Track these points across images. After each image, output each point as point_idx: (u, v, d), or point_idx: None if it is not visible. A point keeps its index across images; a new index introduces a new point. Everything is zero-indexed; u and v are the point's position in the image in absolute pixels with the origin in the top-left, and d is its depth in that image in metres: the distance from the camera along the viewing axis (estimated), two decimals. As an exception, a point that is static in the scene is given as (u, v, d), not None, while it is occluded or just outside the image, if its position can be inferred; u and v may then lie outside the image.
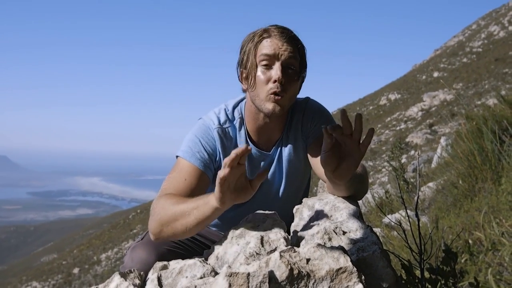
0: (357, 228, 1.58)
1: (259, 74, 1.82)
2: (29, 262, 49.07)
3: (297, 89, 1.89)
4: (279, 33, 1.80)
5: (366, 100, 45.83)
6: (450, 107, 24.87)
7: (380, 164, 19.63)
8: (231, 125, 1.98)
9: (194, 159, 1.85)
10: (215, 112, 2.00)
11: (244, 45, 1.87)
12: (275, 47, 1.78)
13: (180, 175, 1.81)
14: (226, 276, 1.22)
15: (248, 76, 1.86)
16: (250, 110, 1.95)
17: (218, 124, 1.95)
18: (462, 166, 4.35)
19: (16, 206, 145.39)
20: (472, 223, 3.23)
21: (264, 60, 1.80)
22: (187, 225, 1.56)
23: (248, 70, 1.85)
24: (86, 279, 28.26)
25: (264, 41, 1.80)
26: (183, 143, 1.92)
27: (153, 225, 1.66)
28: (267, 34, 1.81)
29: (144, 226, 33.20)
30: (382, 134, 27.69)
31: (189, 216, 1.55)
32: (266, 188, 2.05)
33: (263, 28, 1.84)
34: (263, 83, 1.81)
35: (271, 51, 1.78)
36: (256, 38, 1.82)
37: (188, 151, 1.87)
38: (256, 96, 1.85)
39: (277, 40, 1.79)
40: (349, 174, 1.40)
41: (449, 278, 1.86)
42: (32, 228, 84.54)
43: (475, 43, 40.12)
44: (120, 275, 1.49)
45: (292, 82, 1.83)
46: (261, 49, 1.81)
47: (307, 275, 1.25)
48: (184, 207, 1.57)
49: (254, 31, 1.86)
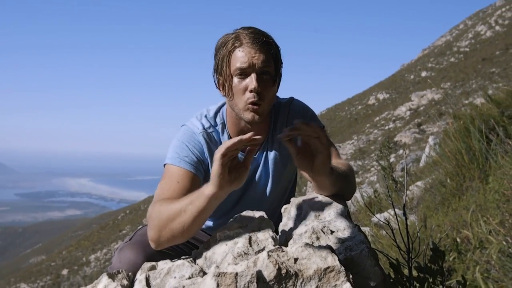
0: (345, 227, 1.58)
1: (235, 84, 1.81)
2: (17, 264, 48.77)
3: (274, 93, 1.89)
4: (250, 40, 1.78)
5: (355, 100, 45.99)
6: (438, 106, 25.02)
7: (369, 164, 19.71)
8: (214, 130, 1.99)
9: (184, 163, 1.84)
10: (197, 117, 2.00)
11: (218, 52, 1.85)
12: (249, 56, 1.76)
13: (172, 180, 1.80)
14: (214, 276, 1.22)
15: (224, 84, 1.85)
16: (231, 116, 1.96)
17: (202, 128, 1.95)
18: (450, 165, 4.38)
19: (4, 207, 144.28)
20: (460, 221, 3.25)
21: (238, 72, 1.79)
22: (184, 223, 1.54)
23: (223, 78, 1.84)
24: (75, 280, 28.13)
25: (237, 51, 1.78)
26: (169, 150, 1.91)
27: (151, 233, 1.64)
28: (238, 43, 1.78)
29: (133, 227, 33.11)
30: (370, 134, 27.81)
31: (185, 213, 1.54)
32: (253, 191, 2.06)
33: (234, 35, 1.81)
34: (240, 92, 1.80)
35: (244, 64, 1.76)
36: (229, 45, 1.80)
37: (175, 157, 1.86)
38: (234, 105, 1.85)
39: (249, 49, 1.77)
40: (327, 169, 1.49)
41: (437, 277, 1.87)
42: (21, 230, 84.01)
43: (463, 43, 40.40)
44: (108, 275, 1.48)
45: (269, 88, 1.82)
46: (234, 61, 1.79)
47: (295, 275, 1.25)
48: (179, 206, 1.56)
49: (225, 37, 1.83)
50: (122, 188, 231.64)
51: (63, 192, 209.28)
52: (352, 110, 40.77)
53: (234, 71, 1.79)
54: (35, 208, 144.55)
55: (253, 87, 1.76)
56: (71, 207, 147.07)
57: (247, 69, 1.77)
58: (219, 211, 2.05)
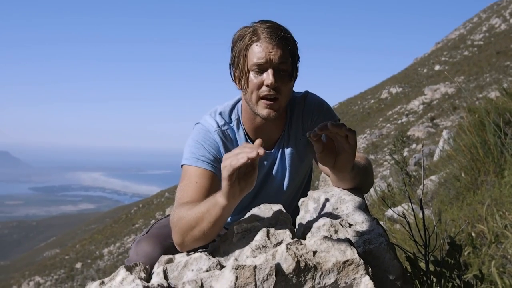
0: (363, 221, 1.58)
1: (251, 79, 1.80)
2: (31, 257, 49.19)
3: (291, 88, 1.88)
4: (268, 35, 1.77)
5: (367, 94, 45.74)
6: (451, 100, 24.83)
7: (382, 158, 19.64)
8: (229, 127, 1.98)
9: (200, 162, 1.84)
10: (210, 114, 2.00)
11: (235, 45, 1.84)
12: (266, 52, 1.75)
13: (190, 181, 1.80)
14: (233, 269, 1.22)
15: (240, 78, 1.85)
16: (246, 111, 1.95)
17: (217, 126, 1.94)
18: (465, 159, 4.35)
19: (18, 201, 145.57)
20: (475, 216, 3.24)
21: (255, 67, 1.79)
22: (204, 231, 1.57)
23: (240, 72, 1.84)
24: (88, 274, 28.35)
25: (254, 46, 1.77)
26: (185, 151, 1.91)
27: (175, 237, 1.66)
28: (256, 37, 1.78)
29: (146, 221, 33.26)
30: (383, 128, 27.67)
31: (202, 222, 1.55)
32: (270, 186, 2.06)
33: (252, 28, 1.81)
34: (256, 87, 1.80)
35: (262, 59, 1.76)
36: (246, 39, 1.79)
37: (192, 157, 1.86)
38: (249, 99, 1.85)
39: (267, 44, 1.76)
40: (350, 165, 1.47)
41: (454, 271, 1.86)
42: (34, 223, 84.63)
43: (477, 36, 39.99)
44: (126, 268, 1.49)
45: (285, 84, 1.82)
46: (251, 55, 1.78)
47: (313, 268, 1.25)
48: (197, 213, 1.57)
49: (243, 30, 1.83)
50: (135, 182, 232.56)
51: (76, 186, 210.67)
52: (365, 104, 40.56)
53: (251, 66, 1.79)
54: (49, 202, 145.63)
55: (270, 82, 1.76)
56: (84, 201, 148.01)
57: (264, 65, 1.77)
58: (237, 207, 2.06)
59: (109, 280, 1.48)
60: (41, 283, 30.65)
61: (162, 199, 42.69)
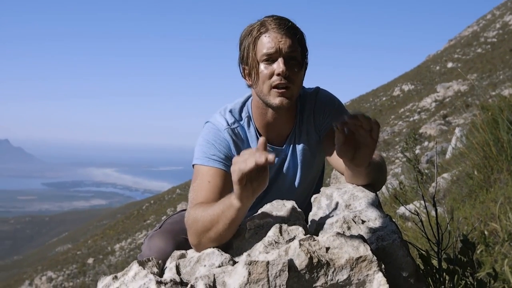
0: (376, 217, 1.58)
1: (261, 70, 1.80)
2: (44, 252, 49.61)
3: (302, 78, 1.88)
4: (276, 26, 1.78)
5: (379, 91, 45.53)
6: (464, 97, 24.65)
7: (394, 155, 19.55)
8: (239, 125, 1.98)
9: (212, 161, 1.85)
10: (220, 113, 2.00)
11: (243, 41, 1.85)
12: (275, 41, 1.76)
13: (203, 181, 1.81)
14: (246, 265, 1.22)
15: (250, 72, 1.85)
16: (257, 107, 1.95)
17: (227, 125, 1.94)
18: (478, 156, 4.33)
19: (31, 196, 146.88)
20: (488, 214, 3.22)
21: (265, 58, 1.79)
22: (219, 232, 1.57)
23: (250, 66, 1.84)
24: (100, 269, 28.51)
25: (263, 37, 1.78)
26: (196, 150, 1.92)
27: (191, 238, 1.66)
28: (264, 29, 1.79)
29: (157, 217, 33.38)
30: (395, 125, 27.52)
31: (218, 223, 1.55)
32: (281, 183, 2.06)
33: (259, 22, 1.82)
34: (266, 77, 1.80)
35: (271, 49, 1.76)
36: (254, 32, 1.80)
37: (203, 157, 1.87)
38: (260, 91, 1.84)
39: (275, 33, 1.77)
40: (368, 160, 1.45)
41: (467, 269, 1.85)
42: (47, 219, 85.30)
43: (490, 33, 39.62)
44: (139, 263, 1.50)
45: (296, 73, 1.82)
46: (260, 47, 1.79)
47: (326, 264, 1.25)
48: (212, 215, 1.57)
49: (251, 25, 1.84)
50: (146, 178, 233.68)
51: (88, 182, 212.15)
52: (377, 102, 40.37)
53: (261, 57, 1.79)
54: (61, 197, 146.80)
55: (281, 71, 1.76)
56: (96, 196, 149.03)
57: (274, 54, 1.77)
58: None
59: (122, 275, 1.49)
60: (53, 278, 30.87)
61: (173, 196, 42.85)
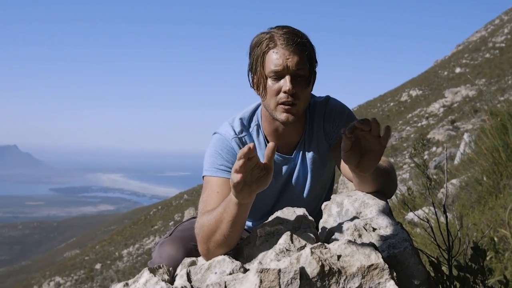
0: (387, 225, 1.57)
1: (269, 85, 1.81)
2: (52, 258, 49.71)
3: (309, 94, 1.88)
4: (285, 42, 1.77)
5: (387, 97, 45.44)
6: (472, 103, 24.56)
7: (402, 161, 19.49)
8: (247, 134, 1.99)
9: (220, 172, 1.86)
10: (229, 123, 2.01)
11: (252, 51, 1.85)
12: (283, 58, 1.76)
13: (212, 192, 1.82)
14: (257, 272, 1.23)
15: (258, 85, 1.86)
16: (266, 116, 1.96)
17: (234, 134, 1.95)
18: (487, 162, 4.31)
19: (39, 202, 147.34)
20: (497, 220, 3.21)
21: (273, 74, 1.79)
22: (224, 232, 1.57)
23: (258, 79, 1.85)
24: (108, 275, 28.55)
25: (271, 53, 1.78)
26: (205, 161, 1.93)
27: (200, 248, 1.67)
28: (273, 44, 1.78)
29: (165, 223, 33.42)
30: (403, 131, 27.45)
31: (222, 223, 1.56)
32: (291, 192, 2.07)
33: (268, 35, 1.81)
34: (274, 93, 1.81)
35: (279, 67, 1.76)
36: (263, 46, 1.80)
37: (211, 168, 1.88)
38: (267, 105, 1.85)
39: (283, 50, 1.76)
40: (373, 166, 1.44)
41: (478, 276, 1.84)
42: (55, 224, 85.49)
43: (498, 38, 39.47)
44: (149, 270, 1.51)
45: (303, 89, 1.82)
46: (268, 62, 1.79)
47: (338, 272, 1.25)
48: (215, 216, 1.59)
49: (260, 36, 1.83)
50: (154, 183, 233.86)
51: (96, 188, 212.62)
52: (384, 107, 40.32)
53: (269, 73, 1.79)
54: (69, 203, 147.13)
55: (287, 89, 1.76)
56: (104, 202, 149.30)
57: (281, 71, 1.77)
58: (257, 213, 2.08)
59: (133, 282, 1.50)
60: (61, 283, 30.92)
61: (181, 201, 42.86)
